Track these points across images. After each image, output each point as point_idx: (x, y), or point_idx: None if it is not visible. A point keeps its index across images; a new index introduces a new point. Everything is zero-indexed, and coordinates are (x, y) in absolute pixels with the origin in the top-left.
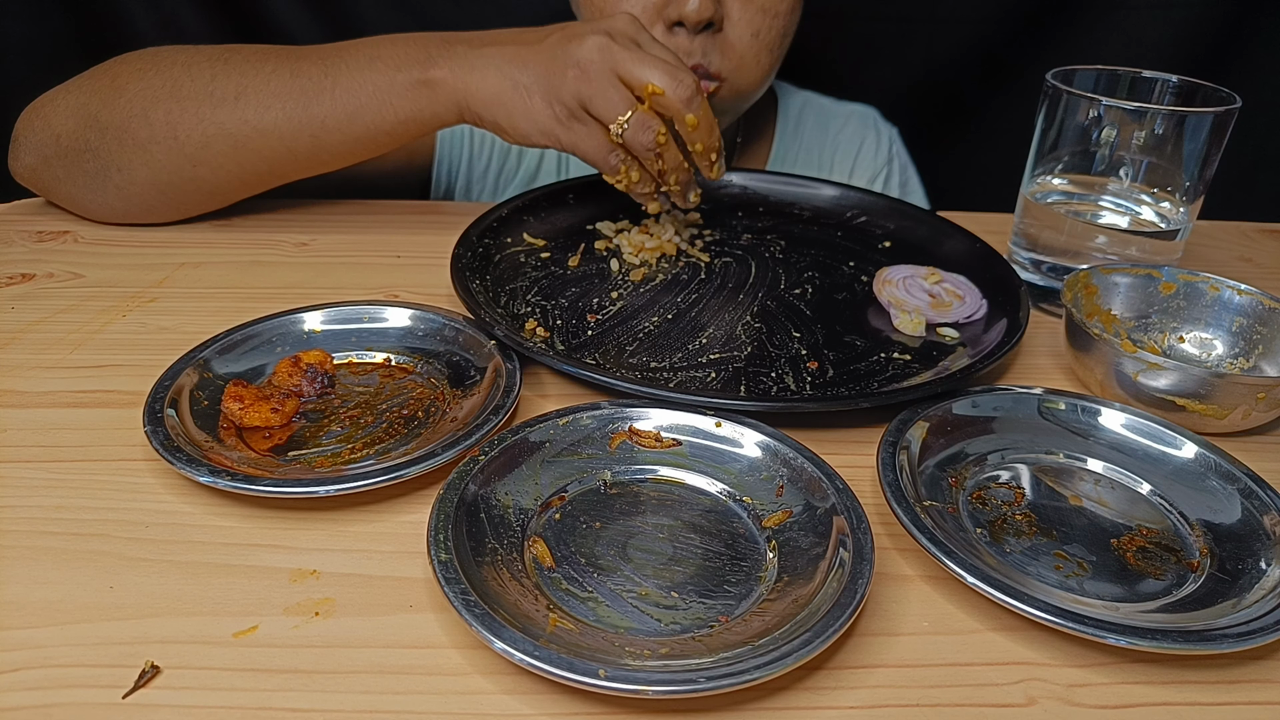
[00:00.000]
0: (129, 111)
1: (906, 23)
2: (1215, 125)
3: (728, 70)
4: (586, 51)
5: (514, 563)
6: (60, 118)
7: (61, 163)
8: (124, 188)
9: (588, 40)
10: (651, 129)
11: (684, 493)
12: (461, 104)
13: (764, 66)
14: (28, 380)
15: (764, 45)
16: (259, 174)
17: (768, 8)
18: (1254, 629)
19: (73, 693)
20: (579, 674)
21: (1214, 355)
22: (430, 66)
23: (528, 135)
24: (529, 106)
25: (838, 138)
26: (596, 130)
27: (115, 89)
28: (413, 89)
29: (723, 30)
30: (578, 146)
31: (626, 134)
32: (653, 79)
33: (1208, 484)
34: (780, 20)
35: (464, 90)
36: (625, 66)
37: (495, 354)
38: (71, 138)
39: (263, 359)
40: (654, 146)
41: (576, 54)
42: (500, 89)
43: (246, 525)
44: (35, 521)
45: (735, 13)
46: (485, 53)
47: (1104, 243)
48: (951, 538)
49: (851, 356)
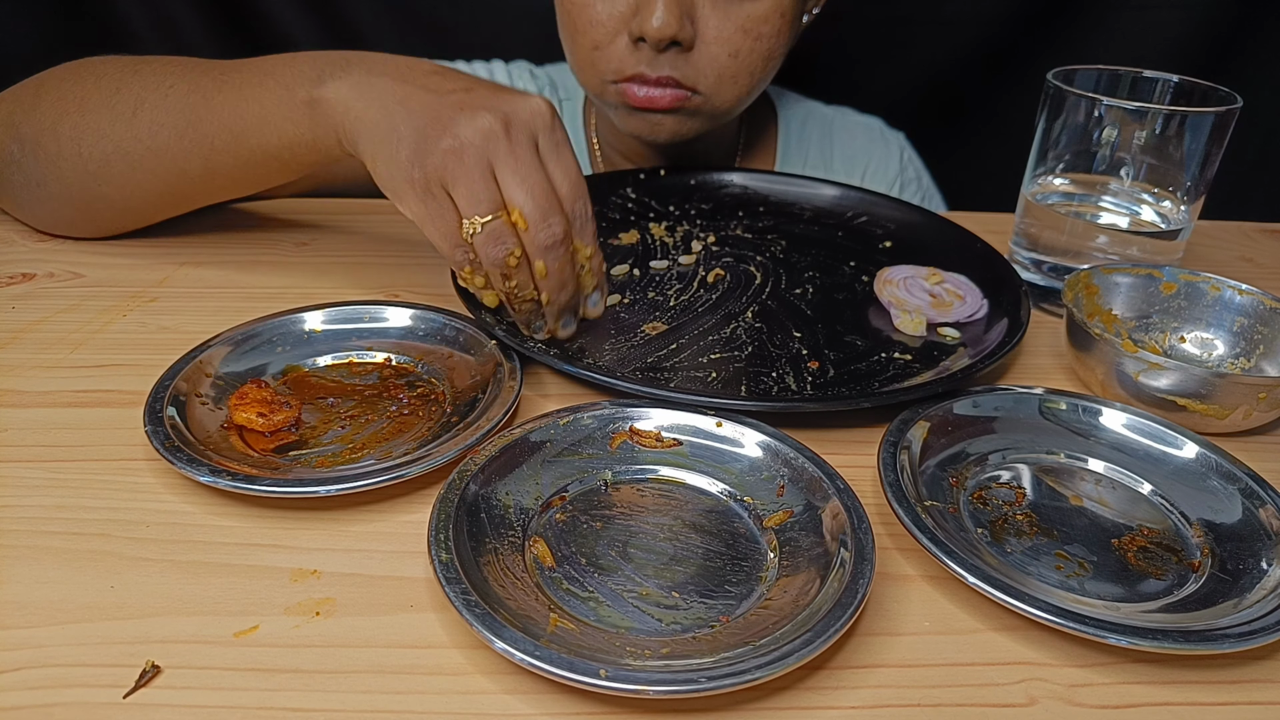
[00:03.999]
0: (41, 125)
1: (908, 24)
2: (1216, 125)
3: (704, 86)
4: (470, 131)
5: (515, 562)
6: None
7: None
8: (43, 203)
9: (479, 118)
10: (505, 246)
11: (685, 492)
12: (339, 129)
13: (742, 87)
14: (28, 380)
15: (743, 67)
16: (160, 195)
17: (749, 29)
18: (1255, 629)
19: (73, 692)
20: (580, 674)
21: (1215, 355)
22: (320, 85)
23: (383, 185)
24: (394, 155)
25: (844, 149)
26: (451, 215)
27: (35, 99)
28: (297, 109)
29: (694, 49)
30: (424, 224)
31: (477, 238)
32: (520, 204)
33: (1209, 484)
34: (764, 42)
35: (343, 115)
36: (501, 171)
37: (496, 354)
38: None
39: (263, 359)
40: (501, 265)
41: (460, 128)
42: (376, 125)
43: (247, 525)
44: (36, 521)
45: (711, 32)
46: (378, 84)
47: (1105, 243)
48: (952, 538)
49: (852, 356)
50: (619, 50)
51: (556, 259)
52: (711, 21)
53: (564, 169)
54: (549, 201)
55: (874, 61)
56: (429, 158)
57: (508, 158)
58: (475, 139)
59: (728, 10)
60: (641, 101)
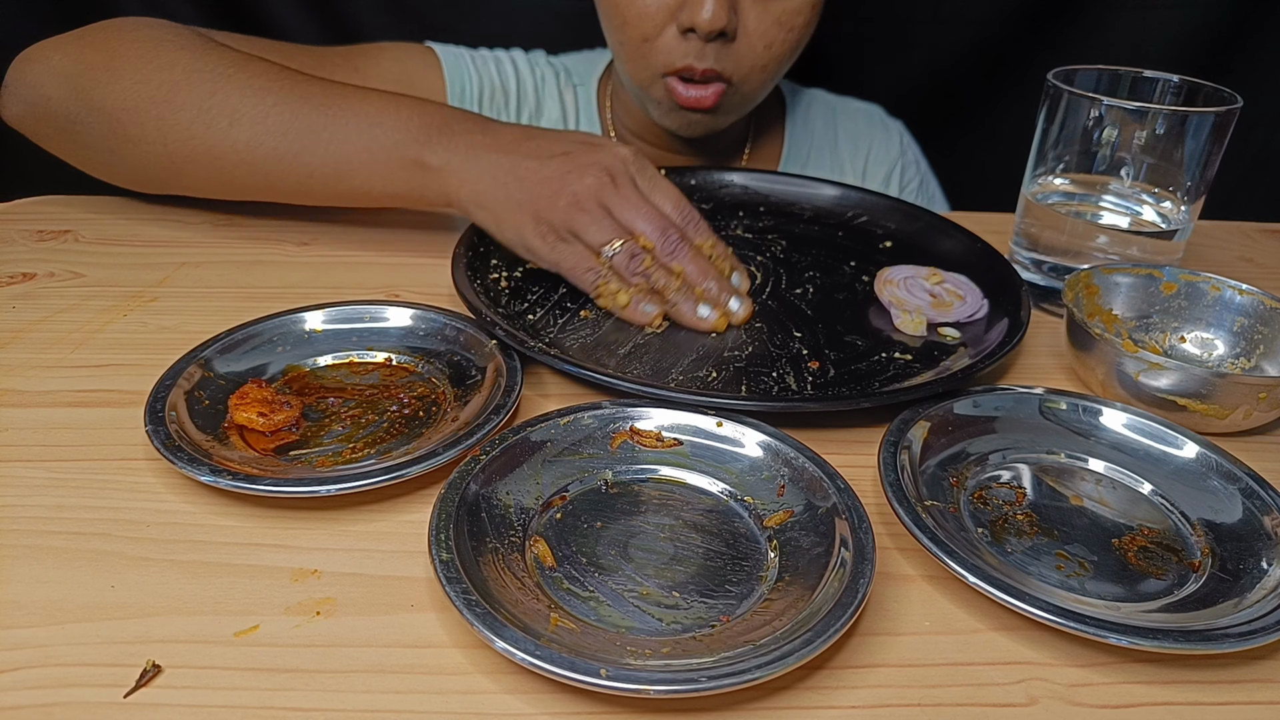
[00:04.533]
0: (121, 103)
1: (908, 23)
2: (1216, 125)
3: (739, 76)
4: (584, 188)
5: (515, 562)
6: (52, 81)
7: (50, 123)
8: (114, 165)
9: (587, 176)
10: (640, 259)
11: (685, 492)
12: (452, 196)
13: (770, 75)
14: (28, 380)
15: (775, 56)
16: (243, 192)
17: (784, 21)
18: (1255, 629)
19: (74, 692)
20: (580, 673)
21: (1215, 355)
22: (427, 149)
23: (510, 244)
24: (518, 221)
25: (848, 132)
26: (583, 252)
27: (111, 71)
28: (405, 166)
29: (736, 40)
30: (560, 264)
31: (617, 258)
32: (641, 229)
33: (1209, 484)
34: (795, 34)
35: (456, 185)
36: (617, 211)
37: (496, 353)
38: (62, 104)
39: (263, 359)
40: (642, 274)
41: (574, 187)
42: (493, 196)
43: (248, 525)
44: (36, 521)
45: (751, 24)
46: (484, 157)
47: (1105, 243)
48: (953, 537)
49: (853, 356)
50: (668, 41)
51: (686, 260)
52: (751, 14)
53: (663, 193)
54: (663, 220)
55: (874, 61)
56: (553, 215)
57: (618, 199)
58: (589, 192)
59: (767, 3)
60: (689, 102)
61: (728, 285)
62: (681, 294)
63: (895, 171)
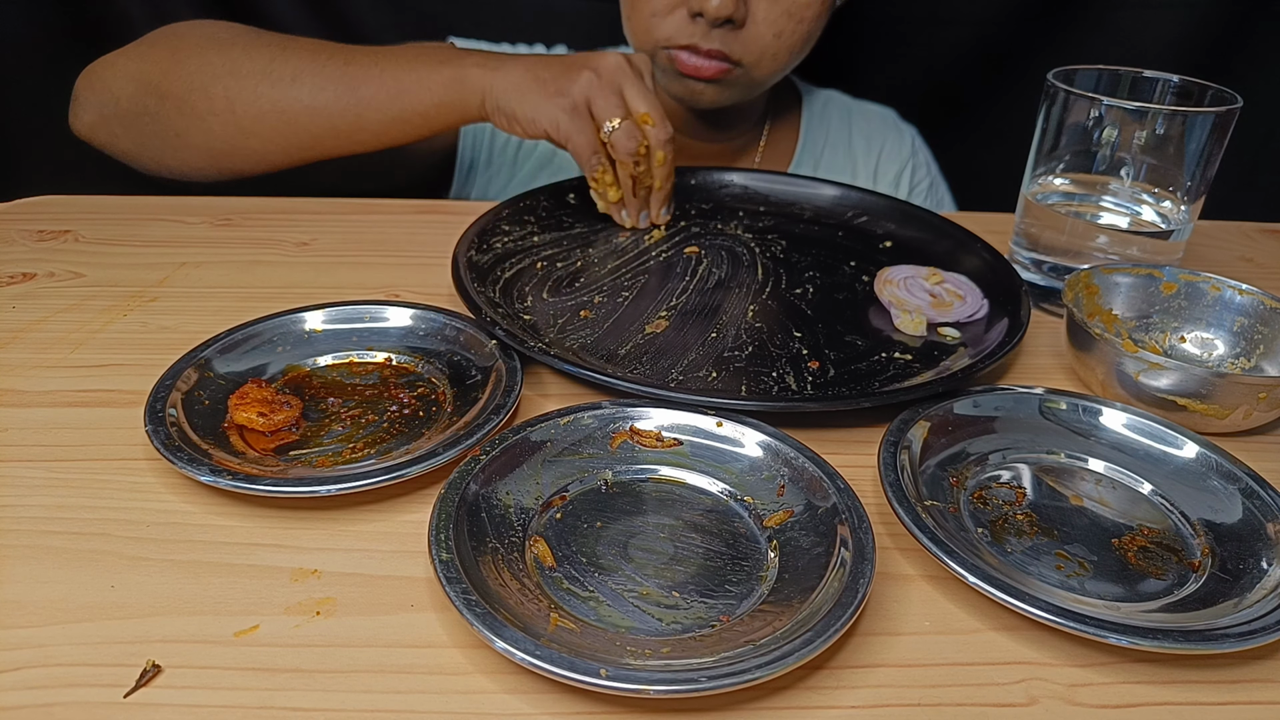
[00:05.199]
0: (189, 84)
1: (907, 23)
2: (1216, 125)
3: (748, 60)
4: (605, 63)
5: (515, 562)
6: (120, 82)
7: (120, 123)
8: (179, 150)
9: (609, 56)
10: (636, 138)
11: (685, 492)
12: (486, 92)
13: (781, 62)
14: (29, 380)
15: (785, 46)
16: (302, 147)
17: (794, 12)
18: (1255, 629)
19: (74, 692)
20: (580, 673)
21: (1215, 355)
22: (464, 65)
23: (534, 120)
24: (543, 94)
25: (862, 132)
26: (590, 128)
27: (176, 61)
28: (448, 80)
29: (744, 27)
30: (572, 138)
31: (614, 135)
32: (648, 109)
33: (1209, 484)
34: (805, 25)
35: (490, 81)
36: (630, 89)
37: (496, 354)
38: (131, 101)
39: (263, 359)
40: (634, 153)
41: (596, 63)
42: (523, 80)
43: (248, 524)
44: (36, 521)
45: (760, 12)
46: (513, 61)
47: (1105, 242)
48: (953, 537)
49: (852, 356)
50: (676, 21)
51: (670, 150)
52: (762, 4)
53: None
54: (662, 109)
55: (874, 61)
56: (574, 86)
57: (634, 82)
58: (610, 68)
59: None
60: (689, 69)
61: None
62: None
63: (906, 172)
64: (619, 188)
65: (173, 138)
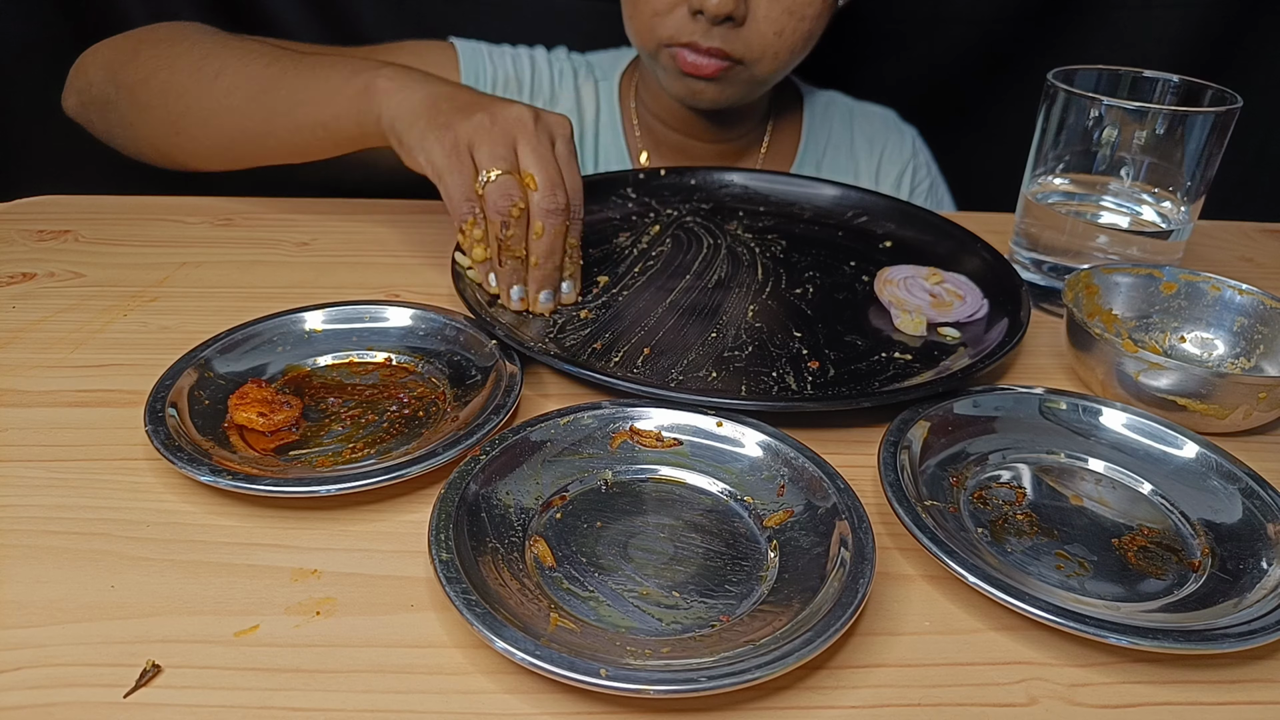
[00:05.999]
0: (137, 76)
1: (907, 23)
2: (1216, 125)
3: (749, 58)
4: (507, 111)
5: (515, 562)
6: (94, 69)
7: (94, 109)
8: (135, 141)
9: (513, 108)
10: (510, 197)
11: (685, 492)
12: (383, 110)
13: (782, 61)
14: (29, 379)
15: (785, 43)
16: (223, 148)
17: (795, 10)
18: (1255, 629)
19: (74, 692)
20: (580, 673)
21: (1215, 355)
22: (376, 78)
23: (413, 150)
24: (431, 124)
25: (863, 133)
26: (468, 173)
27: (136, 53)
28: (356, 92)
29: (745, 25)
30: (444, 178)
31: (489, 187)
32: (534, 170)
33: (1209, 484)
34: (806, 23)
35: (390, 100)
36: (525, 144)
37: (496, 353)
38: (100, 88)
39: (263, 359)
40: (504, 213)
41: (497, 108)
42: (419, 105)
43: (248, 524)
44: (36, 521)
45: (761, 10)
46: (432, 82)
47: (1105, 242)
48: (953, 537)
49: (852, 356)
50: (677, 19)
51: (553, 225)
52: (763, 2)
53: (570, 172)
54: (558, 177)
55: (874, 61)
56: (464, 126)
57: (530, 139)
58: (506, 118)
59: None
60: (689, 67)
61: (555, 281)
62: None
63: (907, 173)
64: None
65: (127, 127)
